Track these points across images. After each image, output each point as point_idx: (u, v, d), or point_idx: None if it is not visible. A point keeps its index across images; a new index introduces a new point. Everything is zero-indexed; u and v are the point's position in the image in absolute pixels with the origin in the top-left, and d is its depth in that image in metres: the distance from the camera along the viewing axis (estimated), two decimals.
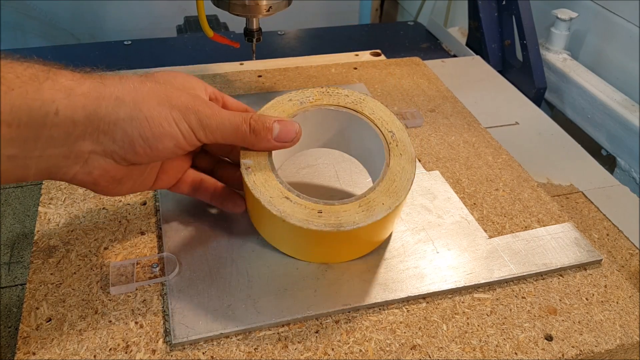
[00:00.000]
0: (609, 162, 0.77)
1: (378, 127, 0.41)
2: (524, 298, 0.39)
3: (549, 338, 0.36)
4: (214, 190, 0.40)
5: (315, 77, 0.66)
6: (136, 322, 0.35)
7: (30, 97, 0.27)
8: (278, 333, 0.35)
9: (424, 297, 0.38)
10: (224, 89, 0.63)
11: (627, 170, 0.73)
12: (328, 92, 0.42)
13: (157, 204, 0.44)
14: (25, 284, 0.38)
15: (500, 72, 0.81)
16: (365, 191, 0.37)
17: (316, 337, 0.35)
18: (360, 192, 0.37)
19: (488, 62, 0.82)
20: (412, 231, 0.43)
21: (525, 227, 0.45)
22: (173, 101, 0.32)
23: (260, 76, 0.66)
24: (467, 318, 0.37)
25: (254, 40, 0.58)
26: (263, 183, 0.36)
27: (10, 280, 0.44)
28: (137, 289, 0.37)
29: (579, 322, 0.37)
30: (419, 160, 0.52)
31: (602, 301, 0.39)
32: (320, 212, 0.35)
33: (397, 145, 0.40)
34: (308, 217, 0.35)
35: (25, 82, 0.27)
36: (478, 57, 0.82)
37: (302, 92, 0.41)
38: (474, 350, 0.35)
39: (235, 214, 0.43)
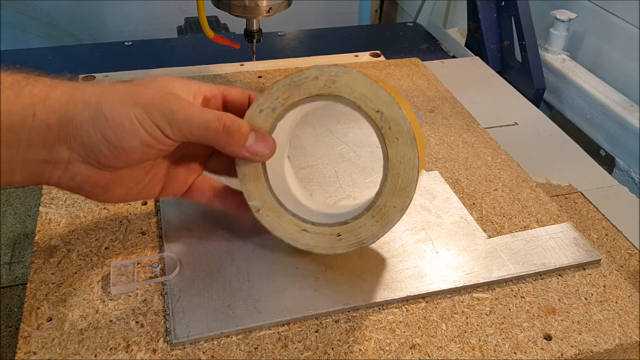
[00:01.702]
0: (607, 163, 0.77)
1: (362, 109, 0.35)
2: (523, 298, 0.39)
3: (548, 338, 0.36)
4: (230, 197, 0.39)
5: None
6: (137, 322, 0.35)
7: (11, 102, 0.29)
8: (278, 332, 0.35)
9: (423, 296, 0.38)
10: None
11: (626, 171, 0.73)
12: (294, 81, 0.36)
13: (157, 204, 0.44)
14: (26, 283, 0.38)
15: (499, 72, 0.81)
16: (374, 197, 0.36)
17: (316, 336, 0.35)
18: (366, 196, 0.37)
19: (487, 62, 0.83)
20: (412, 231, 0.43)
21: (524, 227, 0.45)
22: (136, 99, 0.31)
23: (260, 77, 0.66)
24: (467, 318, 0.37)
25: (254, 41, 0.59)
26: (278, 222, 0.37)
27: (11, 280, 0.44)
28: (137, 289, 0.37)
29: (578, 322, 0.37)
30: None
31: (601, 301, 0.39)
32: (339, 235, 0.37)
33: (390, 128, 0.35)
34: (330, 243, 0.37)
35: (7, 87, 0.29)
36: (477, 58, 0.82)
37: (268, 95, 0.36)
38: (473, 349, 0.35)
39: (235, 215, 0.43)
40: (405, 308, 0.37)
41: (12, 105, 0.29)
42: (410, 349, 0.35)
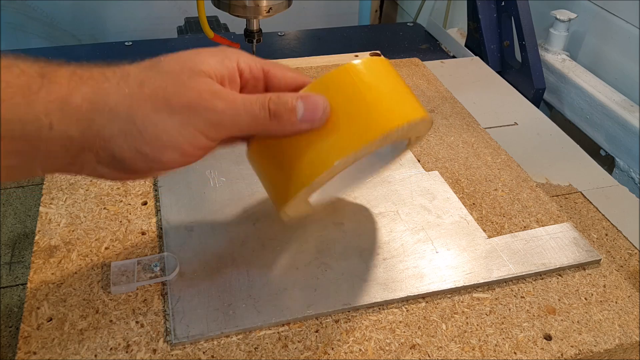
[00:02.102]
0: (607, 163, 0.77)
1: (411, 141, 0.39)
2: (523, 298, 0.39)
3: (548, 338, 0.36)
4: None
5: (315, 78, 0.66)
6: (137, 322, 0.35)
7: (22, 111, 0.25)
8: (278, 332, 0.35)
9: (423, 296, 0.38)
10: None
11: (626, 171, 0.73)
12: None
13: (157, 204, 0.44)
14: (26, 283, 0.38)
15: (499, 72, 0.81)
16: None
17: (316, 336, 0.35)
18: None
19: (487, 63, 0.83)
20: (412, 231, 0.43)
21: (524, 227, 0.45)
22: (172, 103, 0.28)
23: None
24: (467, 317, 0.37)
25: (254, 41, 0.59)
26: (298, 207, 0.36)
27: (11, 280, 0.44)
28: (137, 289, 0.37)
29: (577, 322, 0.37)
30: (419, 161, 0.52)
31: (601, 301, 0.39)
32: None
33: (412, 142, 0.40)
34: None
35: (16, 92, 0.25)
36: (477, 58, 0.82)
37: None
38: (473, 349, 0.35)
39: (236, 214, 0.43)
40: (405, 308, 0.37)
41: (23, 114, 0.25)
42: (410, 349, 0.35)
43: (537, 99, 0.79)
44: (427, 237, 0.43)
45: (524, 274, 0.40)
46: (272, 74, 0.33)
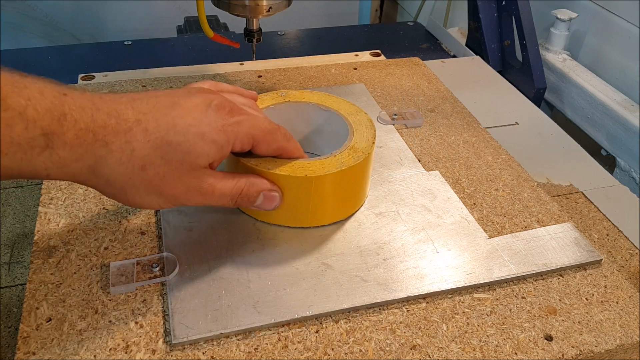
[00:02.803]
0: (608, 162, 0.77)
1: (344, 116, 0.46)
2: (524, 298, 0.39)
3: (549, 338, 0.36)
4: None
5: (315, 77, 0.66)
6: (136, 322, 0.35)
7: (23, 164, 0.28)
8: (278, 333, 0.35)
9: (423, 297, 0.38)
10: None
11: (627, 170, 0.73)
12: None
13: None
14: (25, 283, 0.38)
15: (499, 72, 0.81)
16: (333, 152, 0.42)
17: (316, 337, 0.35)
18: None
19: (488, 62, 0.82)
20: (412, 231, 0.43)
21: (525, 227, 0.45)
22: (164, 191, 0.33)
23: (260, 76, 0.66)
24: (467, 318, 0.37)
25: (254, 40, 0.58)
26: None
27: (10, 280, 0.44)
28: (137, 289, 0.37)
29: (578, 322, 0.37)
30: (419, 161, 0.52)
31: (602, 301, 0.39)
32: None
33: (360, 126, 0.45)
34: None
35: (17, 150, 0.27)
36: (478, 58, 0.82)
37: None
38: (473, 350, 0.35)
39: (236, 214, 0.43)
40: (406, 308, 0.37)
41: (23, 167, 0.28)
42: (411, 349, 0.35)
43: (537, 99, 0.79)
44: (427, 237, 0.42)
45: (524, 274, 0.40)
46: (258, 150, 0.38)
